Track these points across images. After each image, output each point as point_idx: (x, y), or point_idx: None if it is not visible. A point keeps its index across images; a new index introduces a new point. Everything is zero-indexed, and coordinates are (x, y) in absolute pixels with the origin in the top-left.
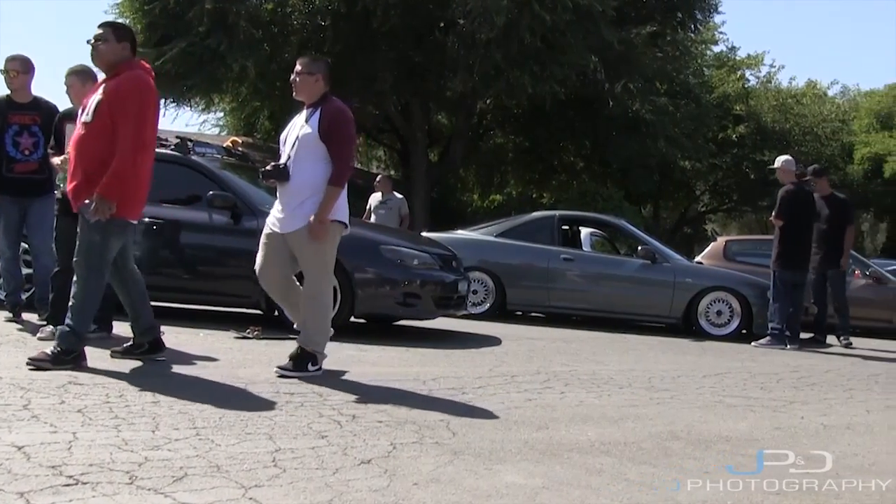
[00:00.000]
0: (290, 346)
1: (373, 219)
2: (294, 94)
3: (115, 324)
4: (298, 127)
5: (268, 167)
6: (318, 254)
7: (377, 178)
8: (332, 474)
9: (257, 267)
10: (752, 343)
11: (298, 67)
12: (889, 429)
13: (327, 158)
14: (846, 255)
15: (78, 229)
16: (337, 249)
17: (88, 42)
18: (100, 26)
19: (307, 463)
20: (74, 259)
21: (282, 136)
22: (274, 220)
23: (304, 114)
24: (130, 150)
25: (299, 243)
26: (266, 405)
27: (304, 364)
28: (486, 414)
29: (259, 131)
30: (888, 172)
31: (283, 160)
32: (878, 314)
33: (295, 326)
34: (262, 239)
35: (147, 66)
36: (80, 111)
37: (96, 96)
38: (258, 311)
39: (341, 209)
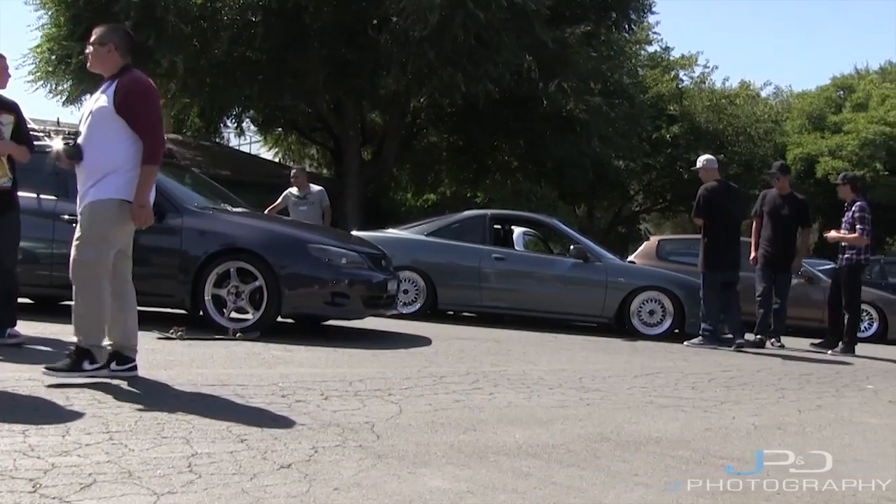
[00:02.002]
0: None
1: (290, 216)
2: (89, 66)
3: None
4: (93, 101)
5: (58, 146)
6: (100, 232)
7: (293, 172)
8: (249, 480)
9: None
10: (685, 343)
11: (91, 38)
12: (819, 429)
13: (126, 135)
14: (799, 259)
15: None
16: (264, 247)
17: None
18: None
19: (224, 468)
20: None
21: (81, 114)
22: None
23: (101, 88)
24: None
25: (81, 222)
26: (185, 408)
27: (79, 363)
28: (413, 416)
29: (189, 128)
30: (820, 173)
31: (80, 138)
32: (810, 314)
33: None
34: None
35: None
36: None
37: None
38: (182, 311)
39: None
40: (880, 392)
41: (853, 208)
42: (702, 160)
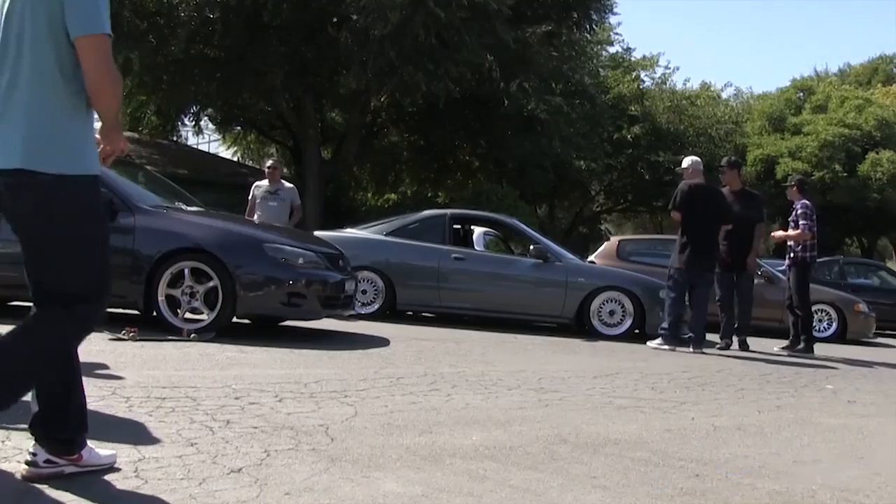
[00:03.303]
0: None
1: (257, 212)
2: None
3: None
4: None
5: None
6: None
7: (270, 163)
8: (197, 485)
9: None
10: (647, 343)
11: None
12: (778, 429)
13: None
14: (753, 256)
15: None
16: (219, 247)
17: None
18: None
19: (172, 473)
20: None
21: None
22: None
23: None
24: None
25: None
26: (134, 411)
27: None
28: (368, 418)
29: (145, 126)
30: (780, 174)
31: None
32: (770, 314)
33: None
34: None
35: None
36: None
37: None
38: (135, 312)
39: None
40: (839, 392)
41: (796, 206)
42: (688, 161)
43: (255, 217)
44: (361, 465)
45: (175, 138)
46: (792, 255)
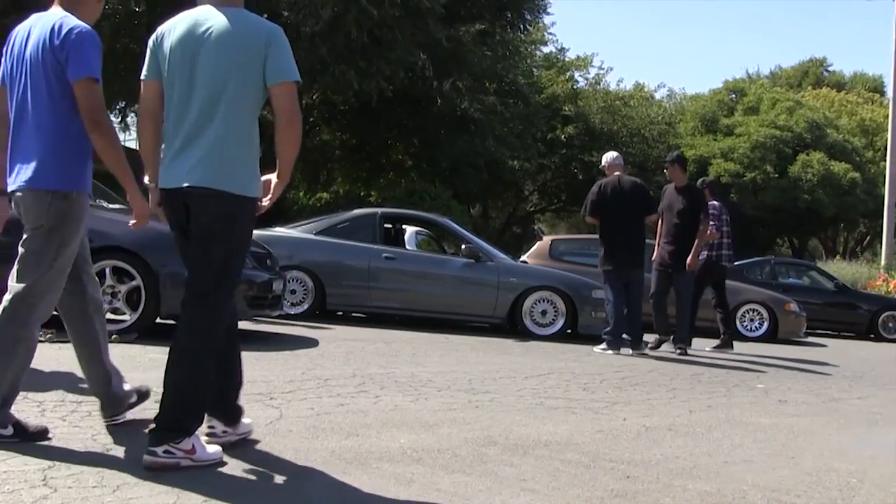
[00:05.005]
0: None
1: None
2: None
3: None
4: None
5: None
6: None
7: None
8: (111, 492)
9: None
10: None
11: None
12: (710, 429)
13: None
14: (694, 256)
15: None
16: (141, 246)
17: None
18: None
19: (84, 480)
20: None
21: None
22: None
23: None
24: None
25: None
26: (47, 415)
27: None
28: (294, 421)
29: None
30: (713, 174)
31: None
32: (705, 314)
33: None
34: None
35: None
36: None
37: None
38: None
39: None
40: (771, 392)
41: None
42: (605, 158)
43: None
44: (285, 469)
45: None
46: (702, 255)
